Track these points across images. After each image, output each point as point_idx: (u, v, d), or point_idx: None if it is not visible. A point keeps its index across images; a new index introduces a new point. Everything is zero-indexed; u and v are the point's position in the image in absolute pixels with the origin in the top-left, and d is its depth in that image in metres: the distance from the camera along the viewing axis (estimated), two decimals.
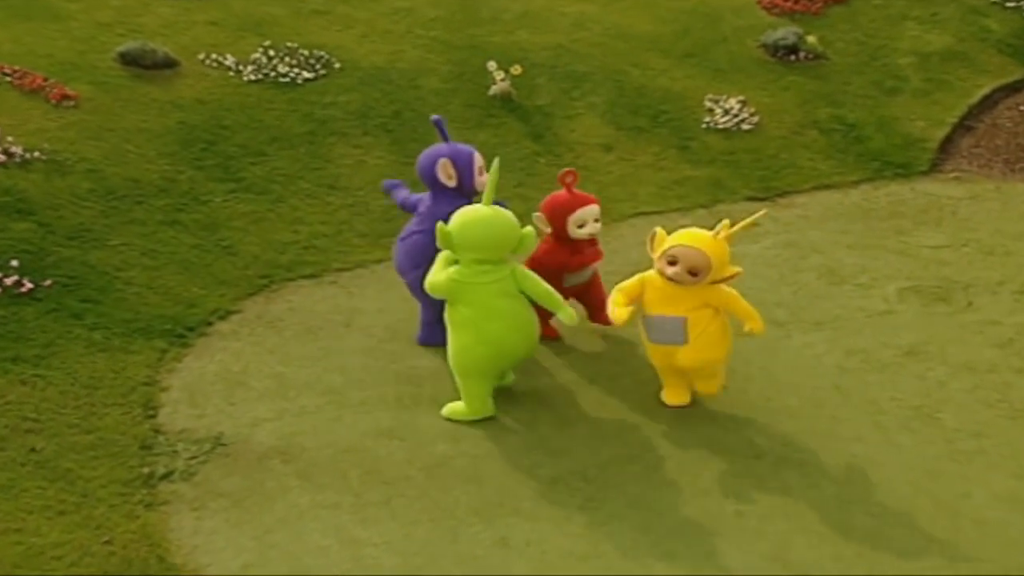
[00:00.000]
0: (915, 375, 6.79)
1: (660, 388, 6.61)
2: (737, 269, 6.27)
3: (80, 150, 8.21)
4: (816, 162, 9.20)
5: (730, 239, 6.25)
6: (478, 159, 6.78)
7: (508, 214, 6.30)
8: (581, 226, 6.73)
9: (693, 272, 6.09)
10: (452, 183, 6.69)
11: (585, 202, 6.75)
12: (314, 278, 7.62)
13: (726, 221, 6.26)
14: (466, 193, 6.72)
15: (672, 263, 6.10)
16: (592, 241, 6.89)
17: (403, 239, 6.83)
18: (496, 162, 6.33)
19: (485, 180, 6.49)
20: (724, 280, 6.23)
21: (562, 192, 6.80)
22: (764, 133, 9.41)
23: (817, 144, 9.39)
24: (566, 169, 6.86)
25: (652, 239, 6.25)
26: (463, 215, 6.22)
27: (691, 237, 6.15)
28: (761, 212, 6.77)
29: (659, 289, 6.17)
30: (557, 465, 6.07)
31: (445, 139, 6.86)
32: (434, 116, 6.94)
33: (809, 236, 8.29)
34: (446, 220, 6.27)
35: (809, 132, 9.49)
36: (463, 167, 6.68)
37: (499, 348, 6.14)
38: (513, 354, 6.23)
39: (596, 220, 6.77)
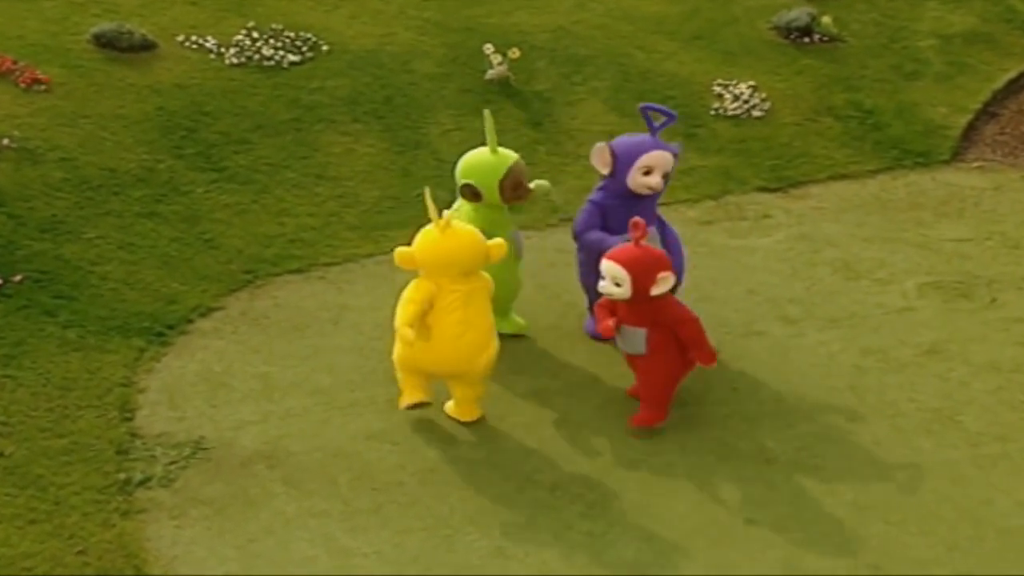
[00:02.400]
0: (936, 375, 6.79)
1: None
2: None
3: (52, 137, 8.19)
4: (831, 151, 9.20)
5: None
6: (652, 156, 6.69)
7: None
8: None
9: None
10: (605, 171, 6.75)
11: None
12: (301, 273, 7.61)
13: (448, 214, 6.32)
14: (618, 189, 6.74)
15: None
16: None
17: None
18: (487, 113, 6.81)
19: (648, 182, 6.69)
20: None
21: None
22: (776, 120, 9.41)
23: (832, 131, 9.38)
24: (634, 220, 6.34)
25: None
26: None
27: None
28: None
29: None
30: (557, 470, 6.07)
31: (652, 130, 6.84)
32: (654, 106, 6.97)
33: (824, 229, 8.29)
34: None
35: (824, 119, 9.48)
36: (622, 159, 6.70)
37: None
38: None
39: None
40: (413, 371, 6.26)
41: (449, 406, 6.37)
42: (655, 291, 6.15)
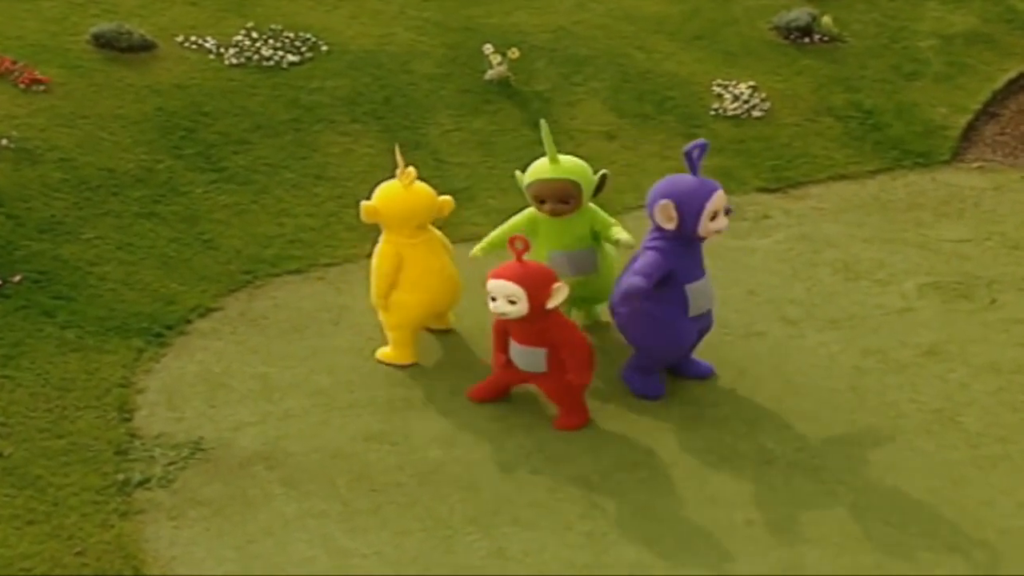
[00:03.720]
0: (936, 376, 6.79)
1: (667, 389, 6.59)
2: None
3: (51, 138, 8.18)
4: (831, 151, 9.19)
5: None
6: (715, 200, 6.40)
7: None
8: None
9: None
10: (671, 226, 6.34)
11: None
12: (300, 273, 7.60)
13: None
14: (687, 239, 6.37)
15: None
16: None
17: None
18: (543, 124, 6.71)
19: (719, 226, 6.43)
20: None
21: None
22: (776, 120, 9.40)
23: (832, 132, 9.38)
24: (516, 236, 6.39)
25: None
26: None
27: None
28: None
29: None
30: (557, 471, 6.06)
31: (693, 170, 6.48)
32: (696, 143, 6.55)
33: (823, 229, 8.28)
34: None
35: (824, 119, 9.48)
36: (688, 210, 6.33)
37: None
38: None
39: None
40: (411, 327, 6.73)
41: (386, 352, 6.80)
42: (551, 304, 6.12)
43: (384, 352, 6.82)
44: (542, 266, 6.33)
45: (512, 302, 6.11)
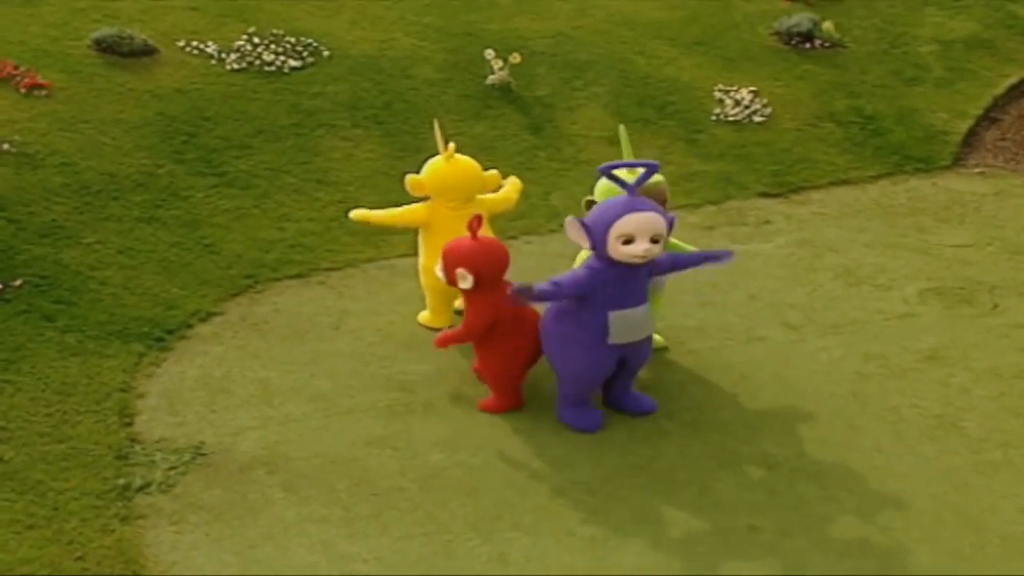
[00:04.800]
0: (937, 381, 6.77)
1: (667, 394, 6.58)
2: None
3: (53, 142, 8.17)
4: (832, 156, 9.18)
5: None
6: (623, 223, 5.99)
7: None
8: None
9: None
10: (584, 244, 6.14)
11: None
12: (301, 278, 7.58)
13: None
14: (617, 263, 6.05)
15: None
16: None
17: None
18: (622, 129, 6.69)
19: (633, 251, 6.01)
20: None
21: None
22: (777, 125, 9.39)
23: (833, 137, 9.37)
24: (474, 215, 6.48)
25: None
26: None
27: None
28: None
29: None
30: (559, 476, 6.04)
31: (627, 188, 6.14)
32: (611, 164, 6.29)
33: (825, 234, 8.27)
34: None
35: (825, 124, 9.47)
36: (594, 230, 6.04)
37: None
38: None
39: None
40: (442, 291, 6.90)
41: (424, 315, 7.09)
42: (460, 285, 6.29)
43: (422, 315, 7.12)
44: (472, 244, 6.33)
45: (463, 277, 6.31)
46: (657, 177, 6.41)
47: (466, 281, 6.26)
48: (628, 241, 5.99)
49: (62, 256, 7.34)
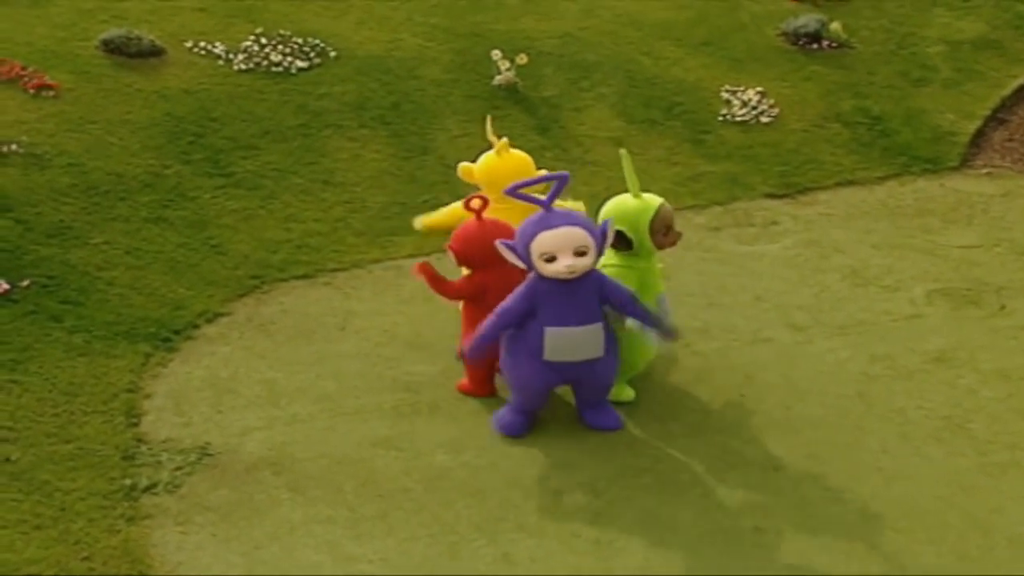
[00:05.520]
0: (944, 383, 6.75)
1: (673, 396, 6.57)
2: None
3: (60, 143, 8.18)
4: (839, 157, 9.16)
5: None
6: (541, 240, 5.95)
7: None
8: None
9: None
10: (522, 266, 6.11)
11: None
12: (307, 279, 7.58)
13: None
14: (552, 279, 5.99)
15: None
16: None
17: None
18: (624, 152, 6.45)
19: (556, 269, 5.95)
20: None
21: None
22: (784, 126, 9.37)
23: (840, 138, 9.34)
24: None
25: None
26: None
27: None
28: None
29: None
30: (564, 477, 6.03)
31: (541, 204, 6.11)
32: (529, 181, 6.38)
33: (832, 235, 8.24)
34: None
35: (832, 125, 9.44)
36: (519, 247, 6.04)
37: None
38: None
39: None
40: None
41: None
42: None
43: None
44: (475, 225, 6.39)
45: None
46: (658, 200, 6.42)
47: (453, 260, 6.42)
48: (551, 259, 5.96)
49: (69, 256, 7.35)
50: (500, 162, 6.90)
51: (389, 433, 6.30)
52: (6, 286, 6.95)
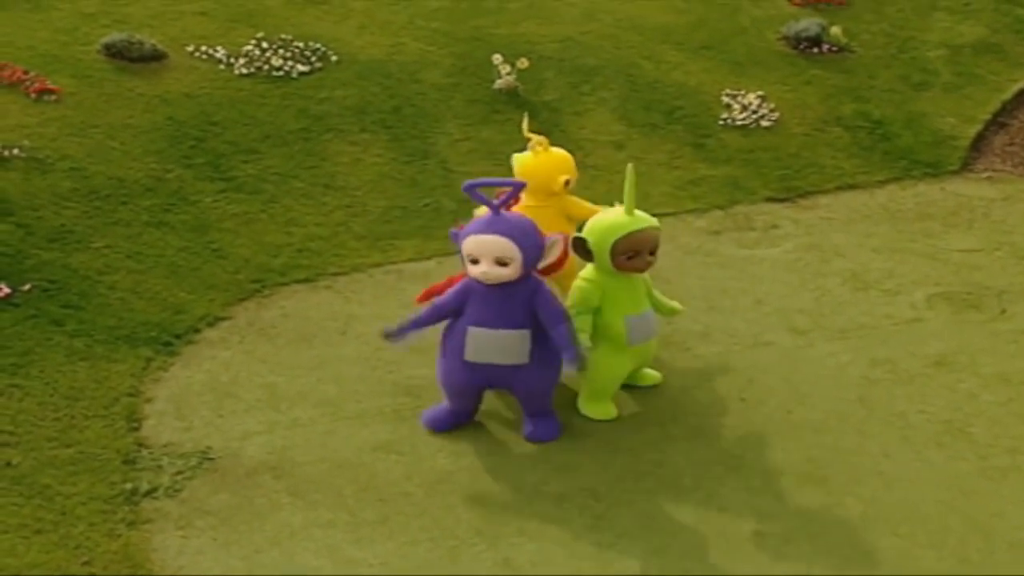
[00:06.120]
0: (945, 387, 6.74)
1: (674, 400, 6.56)
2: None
3: (62, 147, 8.19)
4: (840, 161, 9.16)
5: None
6: (467, 245, 6.00)
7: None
8: None
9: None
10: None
11: None
12: (309, 283, 7.58)
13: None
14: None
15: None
16: None
17: None
18: (630, 168, 6.25)
19: (473, 272, 6.03)
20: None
21: None
22: (785, 130, 9.37)
23: (841, 142, 9.34)
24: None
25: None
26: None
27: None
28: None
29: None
30: (565, 481, 6.03)
31: (491, 207, 6.12)
32: (476, 181, 6.32)
33: (832, 239, 8.24)
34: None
35: (832, 129, 9.44)
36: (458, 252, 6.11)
37: None
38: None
39: None
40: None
41: None
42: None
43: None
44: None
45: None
46: (652, 221, 6.32)
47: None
48: (474, 261, 6.03)
49: (71, 260, 7.35)
50: (533, 162, 6.81)
51: (390, 437, 6.29)
52: (7, 290, 6.95)
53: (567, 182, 6.84)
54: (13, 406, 6.30)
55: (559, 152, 6.91)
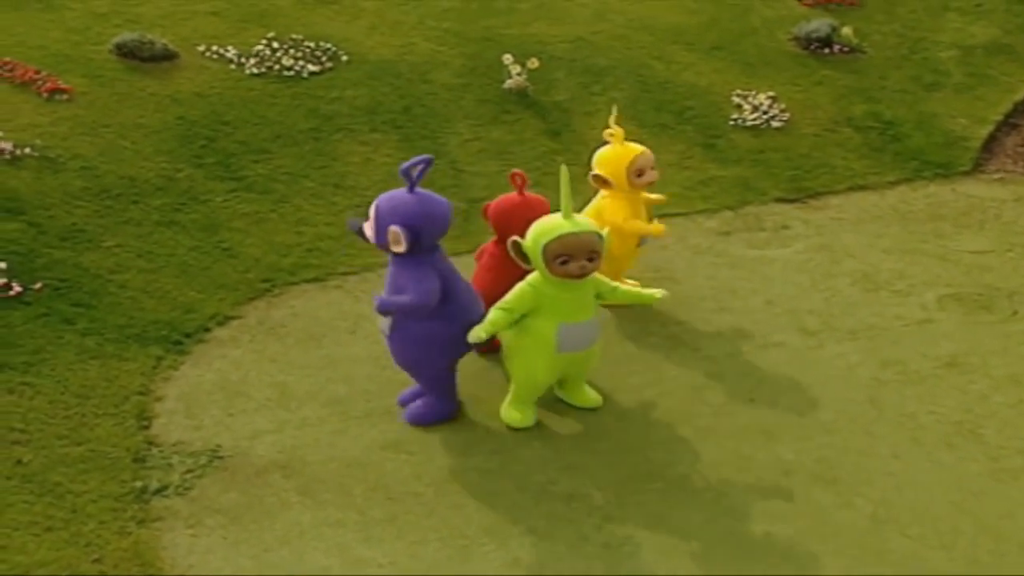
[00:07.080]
0: (956, 388, 6.72)
1: (683, 400, 6.56)
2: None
3: (73, 146, 8.21)
4: (851, 161, 9.14)
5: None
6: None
7: (623, 149, 7.20)
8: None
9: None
10: (402, 249, 6.05)
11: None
12: (318, 282, 7.59)
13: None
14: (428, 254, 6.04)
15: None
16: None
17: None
18: (564, 169, 6.15)
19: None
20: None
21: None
22: (795, 131, 9.35)
23: (852, 142, 9.32)
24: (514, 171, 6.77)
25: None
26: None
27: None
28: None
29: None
30: (573, 481, 6.02)
31: (410, 187, 6.07)
32: (417, 159, 6.14)
33: (843, 240, 8.22)
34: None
35: (843, 130, 9.42)
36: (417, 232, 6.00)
37: None
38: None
39: None
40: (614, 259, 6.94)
41: None
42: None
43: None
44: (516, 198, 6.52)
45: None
46: (590, 225, 6.14)
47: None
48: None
49: (82, 259, 7.37)
50: (608, 154, 7.13)
51: (399, 437, 6.30)
52: (19, 288, 6.97)
53: (639, 173, 7.08)
54: (24, 404, 6.31)
55: (634, 146, 7.14)
